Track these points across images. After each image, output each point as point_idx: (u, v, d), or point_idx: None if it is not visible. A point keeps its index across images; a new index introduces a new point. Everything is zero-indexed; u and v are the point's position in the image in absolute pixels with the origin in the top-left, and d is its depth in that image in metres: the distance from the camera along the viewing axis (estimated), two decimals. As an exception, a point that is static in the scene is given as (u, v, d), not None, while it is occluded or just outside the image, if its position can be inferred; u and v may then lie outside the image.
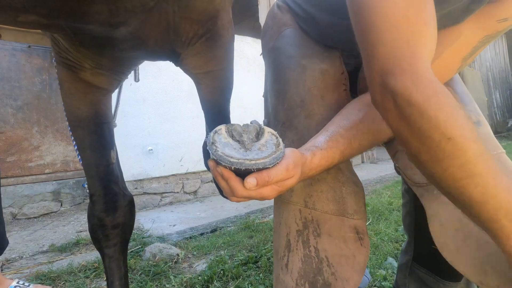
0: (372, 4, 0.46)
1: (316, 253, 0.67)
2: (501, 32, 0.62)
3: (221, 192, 0.86)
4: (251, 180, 0.48)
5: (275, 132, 0.57)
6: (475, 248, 0.61)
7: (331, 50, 0.83)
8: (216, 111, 0.85)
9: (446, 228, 0.64)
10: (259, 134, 0.56)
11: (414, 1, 0.44)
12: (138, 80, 1.30)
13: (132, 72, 1.26)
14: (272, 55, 0.90)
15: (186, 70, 0.79)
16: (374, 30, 0.45)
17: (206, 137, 0.54)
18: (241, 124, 0.57)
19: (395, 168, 0.75)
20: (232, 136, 0.54)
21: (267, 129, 0.57)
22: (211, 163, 0.53)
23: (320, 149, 0.60)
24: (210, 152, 0.51)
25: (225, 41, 0.74)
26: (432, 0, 0.46)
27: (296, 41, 0.86)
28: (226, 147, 0.52)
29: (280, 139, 0.55)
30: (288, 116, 0.78)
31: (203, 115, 0.90)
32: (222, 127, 0.55)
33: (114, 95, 1.13)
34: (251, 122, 0.58)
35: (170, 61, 0.79)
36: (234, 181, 0.51)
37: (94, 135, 0.79)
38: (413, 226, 0.89)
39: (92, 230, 0.85)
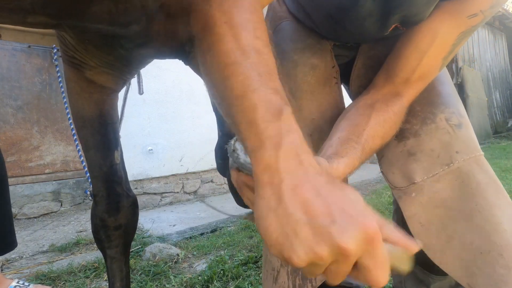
0: None
1: None
2: (476, 27, 0.63)
3: (237, 201, 0.86)
4: None
5: None
6: (460, 249, 0.62)
7: (323, 42, 0.85)
8: None
9: (428, 229, 0.65)
10: None
11: None
12: (143, 93, 1.30)
13: (137, 84, 1.27)
14: None
15: (195, 70, 0.79)
16: None
17: (227, 144, 0.52)
18: None
19: (381, 171, 0.77)
20: None
21: None
22: (234, 172, 0.51)
23: (341, 156, 0.60)
24: (231, 158, 0.50)
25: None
26: None
27: (290, 34, 0.88)
28: (247, 155, 0.51)
29: None
30: None
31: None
32: None
33: (119, 108, 1.14)
34: None
35: (180, 59, 0.79)
36: None
37: (98, 136, 0.79)
38: (401, 222, 0.91)
39: (94, 230, 0.85)
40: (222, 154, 1.00)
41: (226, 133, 0.98)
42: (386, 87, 0.71)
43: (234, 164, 0.49)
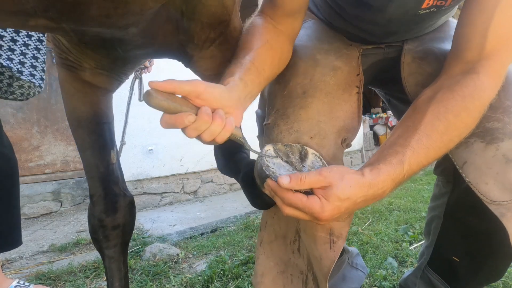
0: None
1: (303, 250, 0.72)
2: None
3: (252, 203, 0.84)
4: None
5: (318, 154, 0.61)
6: None
7: (351, 49, 0.79)
8: None
9: None
10: (301, 154, 0.60)
11: None
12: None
13: (137, 91, 1.28)
14: None
15: (196, 72, 0.79)
16: None
17: (259, 156, 0.56)
18: (283, 144, 0.60)
19: (466, 182, 0.61)
20: (279, 156, 0.58)
21: (310, 151, 0.61)
22: (272, 183, 0.53)
23: (377, 163, 0.54)
24: (266, 172, 0.53)
25: (236, 45, 0.74)
26: None
27: (316, 34, 0.82)
28: (281, 168, 0.55)
29: (324, 161, 0.60)
30: (284, 104, 0.73)
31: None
32: (270, 148, 0.58)
33: (122, 115, 1.14)
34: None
35: (180, 61, 0.79)
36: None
37: (94, 136, 0.80)
38: (439, 231, 0.84)
39: (92, 230, 0.85)
40: (222, 153, 1.00)
41: None
42: (456, 68, 0.60)
43: (271, 177, 0.53)
